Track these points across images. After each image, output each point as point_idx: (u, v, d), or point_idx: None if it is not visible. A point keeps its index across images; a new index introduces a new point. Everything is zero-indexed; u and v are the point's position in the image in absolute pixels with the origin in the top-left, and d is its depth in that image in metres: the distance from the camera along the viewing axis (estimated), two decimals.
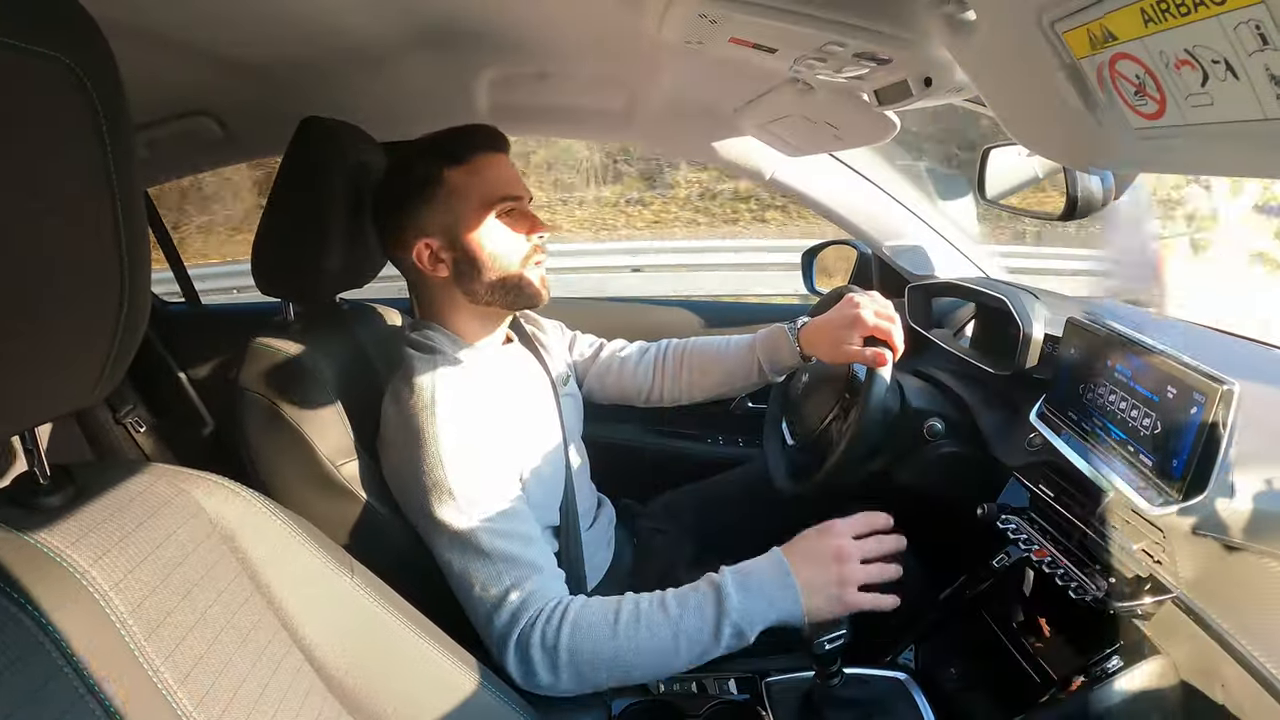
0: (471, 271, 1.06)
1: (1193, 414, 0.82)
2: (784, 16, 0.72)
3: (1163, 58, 0.42)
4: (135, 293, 0.48)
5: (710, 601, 0.91)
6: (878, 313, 1.15)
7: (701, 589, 0.93)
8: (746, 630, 0.90)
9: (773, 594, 0.91)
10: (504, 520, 0.94)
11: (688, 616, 0.90)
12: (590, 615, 0.91)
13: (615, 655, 0.89)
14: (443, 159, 1.04)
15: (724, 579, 0.92)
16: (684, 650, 0.90)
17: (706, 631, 0.89)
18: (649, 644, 0.89)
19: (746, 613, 0.90)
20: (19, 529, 0.50)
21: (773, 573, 0.93)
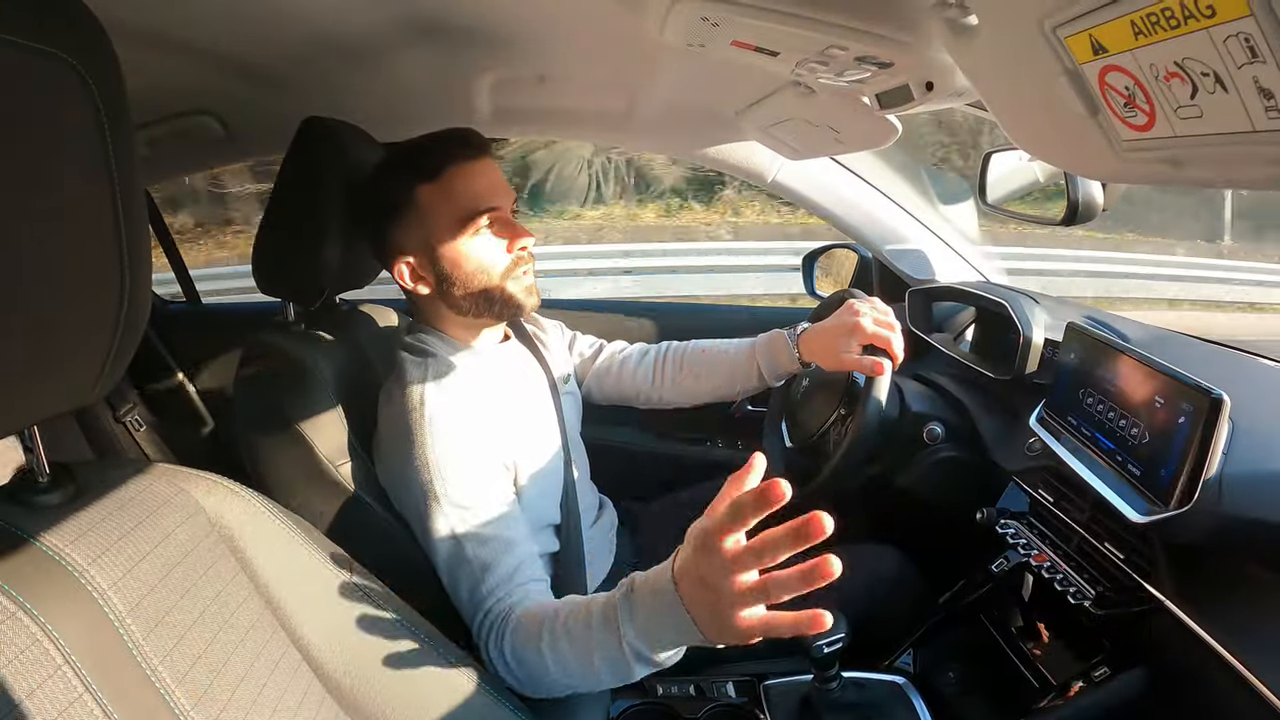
0: (453, 288, 1.04)
1: (1180, 424, 0.83)
2: (786, 20, 0.72)
3: (1152, 70, 0.42)
4: (135, 291, 0.48)
5: (612, 624, 0.77)
6: (877, 320, 1.14)
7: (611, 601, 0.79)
8: (650, 654, 0.76)
9: (668, 631, 0.74)
10: (489, 525, 0.94)
11: (595, 632, 0.78)
12: (526, 621, 0.86)
13: (544, 665, 0.83)
14: (414, 175, 1.01)
15: (621, 601, 0.78)
16: (603, 669, 0.79)
17: (615, 653, 0.77)
18: (572, 658, 0.81)
19: (644, 635, 0.76)
20: (18, 527, 0.50)
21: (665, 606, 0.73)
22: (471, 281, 1.04)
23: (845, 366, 1.16)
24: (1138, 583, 0.88)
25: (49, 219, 0.42)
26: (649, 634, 0.75)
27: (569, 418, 1.22)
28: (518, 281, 1.06)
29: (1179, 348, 1.11)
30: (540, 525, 1.07)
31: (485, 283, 1.04)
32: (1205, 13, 0.36)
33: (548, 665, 0.83)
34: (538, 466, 1.06)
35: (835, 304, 1.23)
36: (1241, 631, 0.77)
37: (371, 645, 0.73)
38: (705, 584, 0.68)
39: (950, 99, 0.82)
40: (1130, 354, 0.94)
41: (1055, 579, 0.98)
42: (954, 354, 1.41)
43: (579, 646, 0.80)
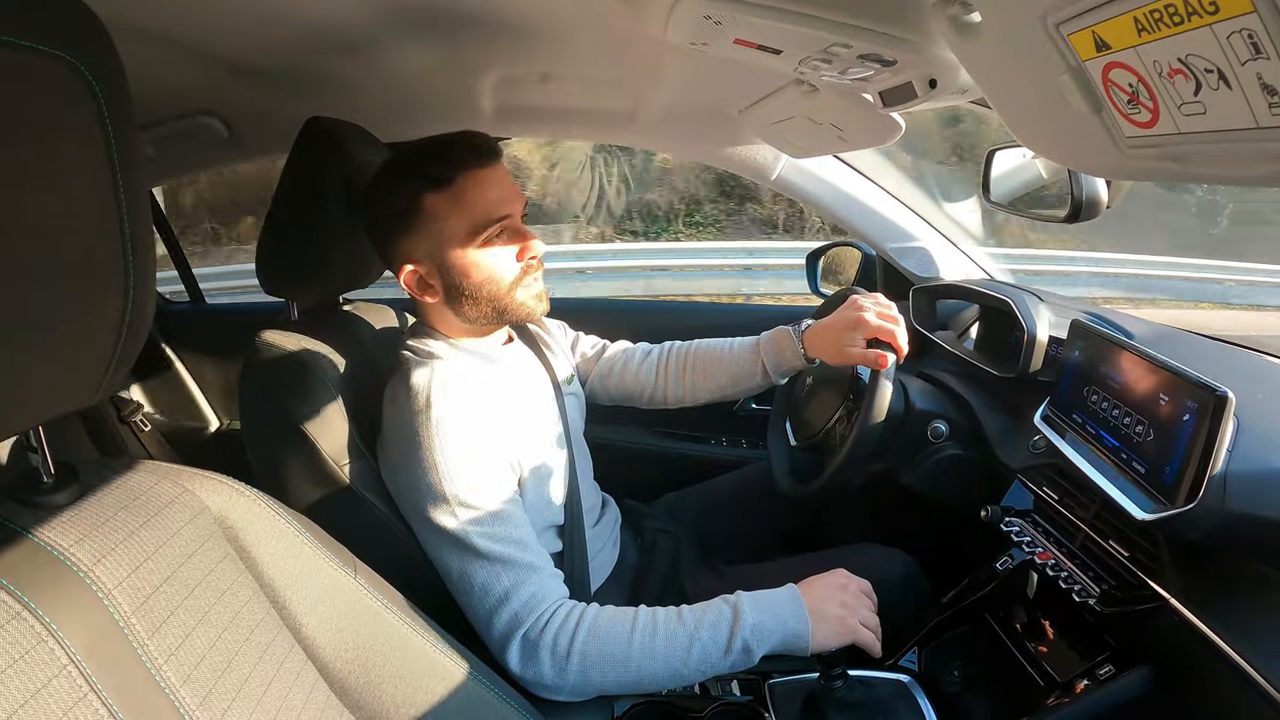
0: (461, 297, 1.03)
1: (1185, 421, 0.82)
2: (789, 18, 0.72)
3: (1156, 67, 0.42)
4: (140, 291, 0.48)
5: (726, 615, 0.94)
6: (881, 315, 1.15)
7: (717, 604, 0.96)
8: (754, 647, 0.92)
9: (784, 614, 0.94)
10: (498, 524, 0.94)
11: (703, 628, 0.92)
12: (607, 620, 0.93)
13: (627, 659, 0.91)
14: (423, 183, 0.99)
15: (739, 596, 0.96)
16: (695, 660, 0.92)
17: (719, 643, 0.92)
18: (663, 652, 0.91)
19: (758, 628, 0.92)
20: (23, 526, 0.50)
21: (785, 595, 0.97)
22: (480, 291, 1.03)
23: (850, 360, 1.17)
24: (1142, 580, 0.88)
25: (52, 220, 0.42)
26: (761, 622, 0.93)
27: (572, 418, 1.22)
28: (527, 289, 1.06)
29: (1184, 344, 1.10)
30: (544, 526, 1.07)
31: (494, 292, 1.03)
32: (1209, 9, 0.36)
33: (629, 657, 0.91)
34: (541, 468, 1.06)
35: (839, 301, 1.23)
36: (1247, 629, 0.77)
37: (377, 645, 0.73)
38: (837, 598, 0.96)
39: (954, 96, 0.82)
40: (1135, 351, 0.93)
41: (1060, 577, 0.98)
42: (958, 352, 1.41)
43: (676, 638, 0.92)
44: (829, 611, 0.94)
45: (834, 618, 0.94)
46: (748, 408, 1.84)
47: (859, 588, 0.99)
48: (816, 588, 0.97)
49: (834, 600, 0.96)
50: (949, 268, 1.65)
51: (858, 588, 0.99)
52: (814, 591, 0.97)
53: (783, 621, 0.94)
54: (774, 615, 0.94)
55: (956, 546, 1.31)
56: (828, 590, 0.97)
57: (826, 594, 0.96)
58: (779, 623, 0.93)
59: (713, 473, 1.60)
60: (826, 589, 0.97)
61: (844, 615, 0.94)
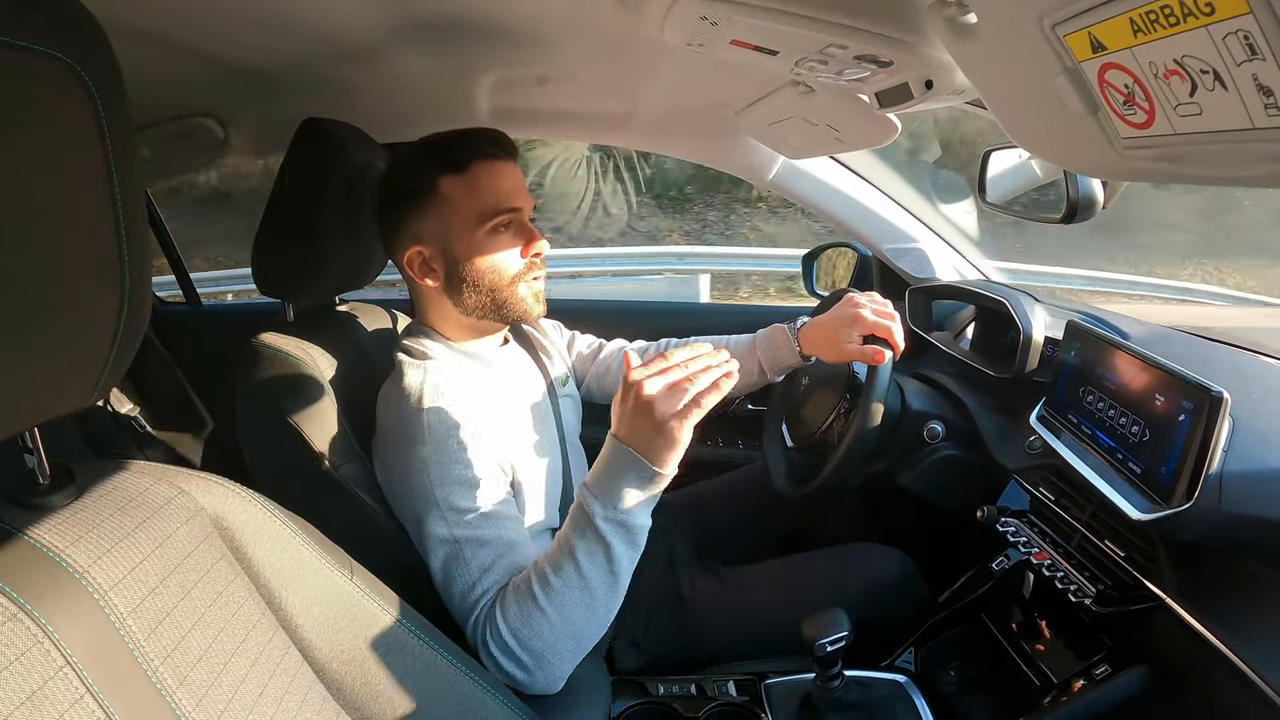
0: (461, 285, 1.04)
1: (1181, 421, 0.83)
2: (785, 19, 0.72)
3: (1151, 68, 0.42)
4: (136, 293, 0.48)
5: (579, 516, 0.87)
6: (877, 311, 1.15)
7: (573, 513, 0.89)
8: (624, 518, 0.86)
9: (616, 468, 0.85)
10: (487, 528, 0.94)
11: (573, 540, 0.87)
12: (509, 592, 0.89)
13: (543, 613, 0.86)
14: (440, 166, 1.01)
15: (582, 490, 0.88)
16: (590, 573, 0.87)
17: (594, 541, 0.86)
18: (560, 585, 0.87)
19: (608, 502, 0.85)
20: (19, 528, 0.50)
21: (607, 451, 0.87)
22: (482, 280, 1.03)
23: (846, 357, 1.17)
24: (1139, 580, 0.88)
25: (48, 221, 0.42)
26: (610, 495, 0.85)
27: (567, 420, 1.22)
28: (528, 287, 1.06)
29: (1179, 345, 1.11)
30: (539, 529, 1.07)
31: (495, 283, 1.04)
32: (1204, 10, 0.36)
33: (546, 613, 0.86)
34: (535, 471, 1.06)
35: (835, 302, 1.23)
36: (1243, 628, 0.77)
37: (373, 646, 0.73)
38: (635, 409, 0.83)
39: (950, 97, 0.82)
40: (1130, 351, 0.94)
41: (1056, 577, 0.98)
42: (954, 352, 1.41)
43: (564, 569, 0.87)
44: (641, 428, 0.83)
45: (649, 429, 0.82)
46: (744, 408, 1.84)
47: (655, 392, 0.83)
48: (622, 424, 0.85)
49: (637, 415, 0.83)
50: (945, 269, 1.65)
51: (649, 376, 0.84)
52: (623, 430, 0.85)
53: (619, 476, 0.85)
54: (609, 479, 0.85)
55: (953, 547, 1.32)
56: (625, 413, 0.85)
57: (628, 417, 0.84)
58: (617, 480, 0.85)
59: (709, 474, 1.60)
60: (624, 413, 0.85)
61: (653, 420, 0.82)
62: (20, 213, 0.41)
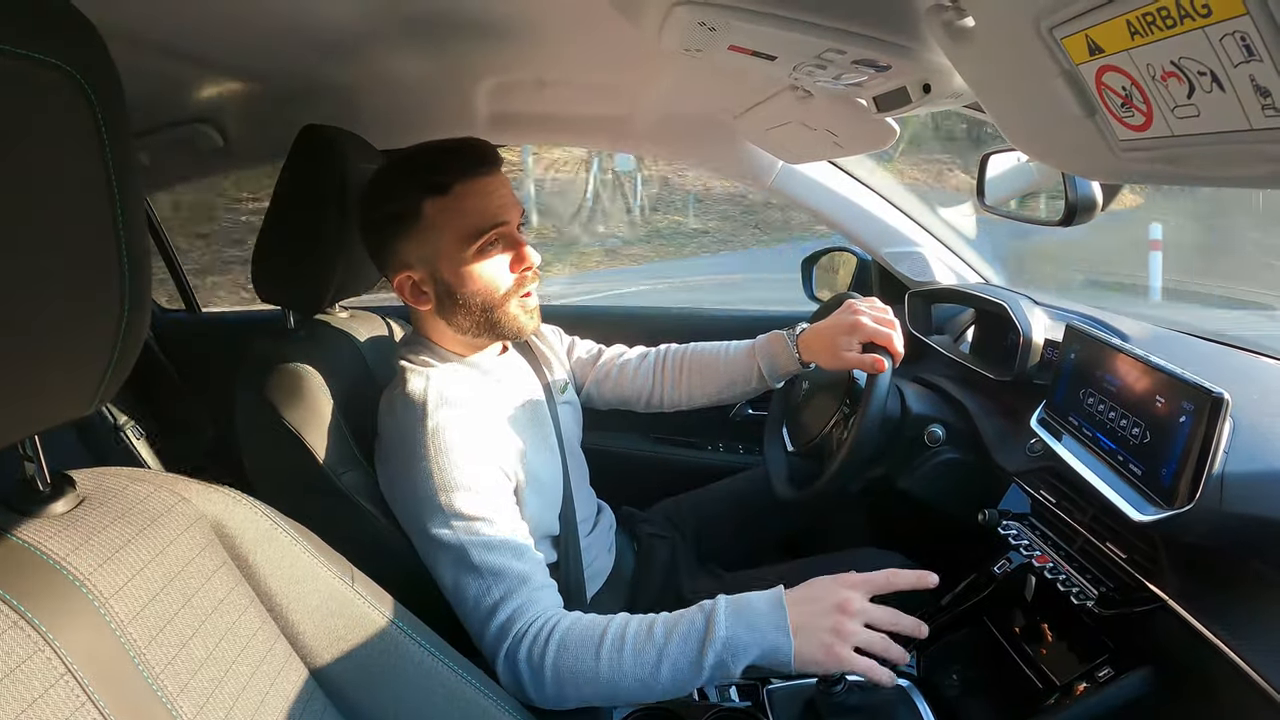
0: (454, 306, 1.03)
1: (1182, 423, 0.82)
2: (783, 24, 0.72)
3: (1149, 70, 0.42)
4: (135, 300, 0.48)
5: (698, 629, 0.85)
6: (877, 319, 1.14)
7: (692, 614, 0.87)
8: (730, 663, 0.84)
9: (763, 628, 0.84)
10: (494, 534, 0.93)
11: (673, 644, 0.85)
12: (576, 635, 0.88)
13: (596, 676, 0.86)
14: (421, 190, 0.98)
15: (717, 606, 0.87)
16: (665, 677, 0.85)
17: (690, 658, 0.84)
18: (631, 668, 0.85)
19: (732, 643, 0.84)
20: (19, 535, 0.50)
21: (768, 607, 0.86)
22: (474, 301, 1.03)
23: (845, 365, 1.16)
24: (1141, 582, 0.88)
25: (48, 229, 0.42)
26: (737, 636, 0.84)
27: (567, 427, 1.21)
28: (520, 303, 1.05)
29: (1179, 346, 1.11)
30: (539, 536, 1.07)
31: (488, 303, 1.03)
32: (1201, 12, 0.36)
33: (599, 675, 0.85)
34: (536, 478, 1.05)
35: (834, 306, 1.23)
36: (1246, 630, 0.77)
37: (374, 653, 0.73)
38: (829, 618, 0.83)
39: (948, 101, 0.82)
40: (1130, 353, 0.94)
41: (1058, 580, 0.98)
42: (954, 356, 1.41)
43: (644, 656, 0.85)
44: (817, 635, 0.83)
45: (821, 643, 0.83)
46: (744, 413, 1.83)
47: (862, 610, 0.84)
48: (809, 603, 0.85)
49: (826, 621, 0.83)
50: (944, 272, 1.65)
51: (864, 603, 0.85)
52: (804, 606, 0.85)
53: (761, 636, 0.84)
54: (750, 628, 0.84)
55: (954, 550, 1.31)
56: (821, 608, 0.84)
57: (819, 612, 0.84)
58: (756, 636, 0.84)
59: (709, 479, 1.60)
60: (820, 606, 0.85)
61: (832, 642, 0.82)
62: (20, 220, 0.41)
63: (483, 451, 0.97)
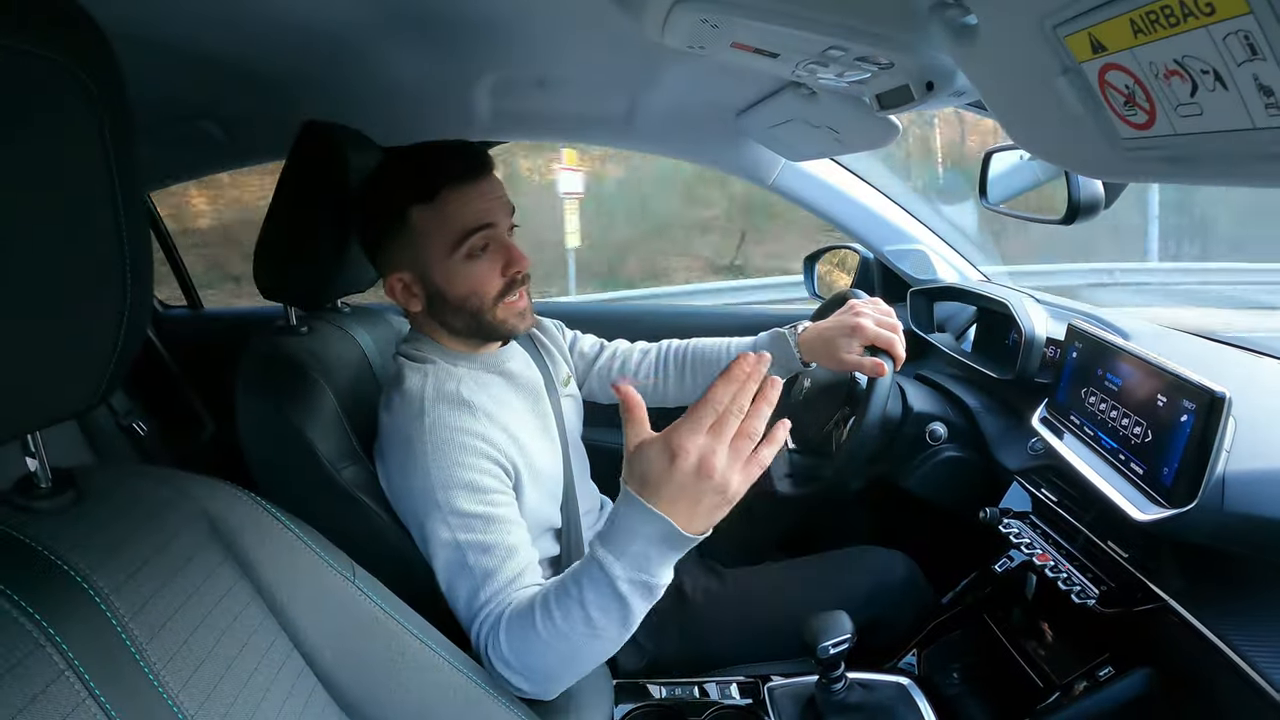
0: (444, 308, 1.03)
1: (1183, 422, 0.82)
2: (785, 21, 0.72)
3: (1152, 68, 0.42)
4: (137, 297, 0.48)
5: (596, 575, 0.79)
6: (880, 321, 1.13)
7: (586, 563, 0.81)
8: (647, 578, 0.78)
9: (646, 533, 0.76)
10: (490, 533, 0.93)
11: (586, 590, 0.80)
12: (515, 614, 0.86)
13: (547, 644, 0.83)
14: (407, 195, 0.98)
15: (593, 544, 0.80)
16: (602, 622, 0.80)
17: (610, 599, 0.79)
18: (566, 627, 0.81)
19: (630, 562, 0.77)
20: (20, 532, 0.50)
21: (635, 514, 0.77)
22: (463, 305, 1.03)
23: (846, 367, 1.16)
24: (1141, 582, 0.88)
25: (50, 225, 0.42)
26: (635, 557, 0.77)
27: (569, 420, 1.21)
28: (509, 307, 1.04)
29: (1180, 345, 1.11)
30: (540, 530, 1.07)
31: (476, 306, 1.03)
32: (1205, 10, 0.36)
33: (547, 643, 0.82)
34: (538, 471, 1.05)
35: (836, 305, 1.23)
36: (1246, 630, 0.77)
37: (375, 650, 0.73)
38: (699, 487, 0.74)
39: (951, 99, 0.82)
40: (1132, 352, 0.94)
41: (1059, 578, 0.98)
42: (956, 354, 1.41)
43: (571, 613, 0.80)
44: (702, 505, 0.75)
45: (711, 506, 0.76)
46: None
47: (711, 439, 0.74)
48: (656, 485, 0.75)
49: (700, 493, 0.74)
50: (946, 270, 1.65)
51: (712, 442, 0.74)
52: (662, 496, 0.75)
53: (650, 542, 0.76)
54: (634, 544, 0.77)
55: (955, 548, 1.31)
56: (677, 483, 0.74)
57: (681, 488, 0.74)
58: (649, 545, 0.77)
59: None
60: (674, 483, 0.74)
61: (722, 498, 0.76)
62: (22, 215, 0.41)
63: (481, 447, 0.97)
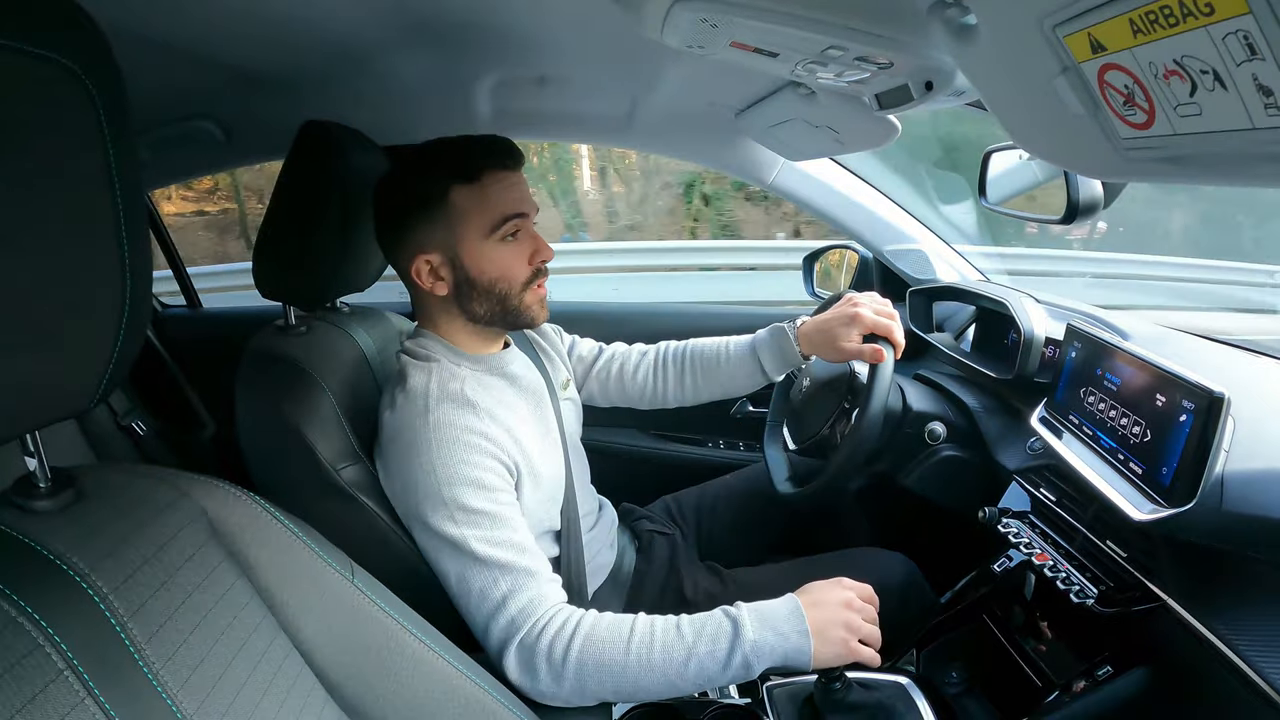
0: (471, 292, 1.04)
1: (1182, 422, 0.82)
2: (785, 21, 0.72)
3: (1151, 68, 0.42)
4: (136, 296, 0.48)
5: (726, 630, 0.90)
6: (877, 310, 1.15)
7: (717, 617, 0.92)
8: (754, 663, 0.89)
9: (785, 631, 0.91)
10: (496, 528, 0.94)
11: (702, 642, 0.90)
12: (604, 630, 0.91)
13: (624, 671, 0.89)
14: (451, 176, 1.00)
15: (740, 611, 0.92)
16: (692, 674, 0.89)
17: (718, 658, 0.89)
18: (660, 664, 0.89)
19: (758, 645, 0.89)
20: (19, 532, 0.50)
21: (787, 612, 0.92)
22: (492, 288, 1.04)
23: (846, 356, 1.17)
24: (1140, 581, 0.88)
25: (49, 224, 0.42)
26: (762, 639, 0.90)
27: (569, 424, 1.21)
28: (534, 294, 1.07)
29: (1179, 345, 1.11)
30: (541, 530, 1.07)
31: (504, 290, 1.04)
32: (1204, 10, 0.36)
33: (624, 667, 0.89)
34: (539, 473, 1.06)
35: (835, 303, 1.23)
36: (1245, 629, 0.77)
37: (374, 649, 0.73)
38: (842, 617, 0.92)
39: (950, 98, 0.82)
40: (1131, 352, 0.94)
41: (1058, 578, 0.98)
42: (955, 354, 1.41)
43: (673, 653, 0.89)
44: (832, 633, 0.91)
45: (837, 639, 0.91)
46: (744, 410, 1.84)
47: (862, 601, 0.95)
48: (821, 606, 0.93)
49: (838, 620, 0.92)
50: (945, 270, 1.65)
51: (861, 602, 0.95)
52: (818, 610, 0.93)
53: (784, 639, 0.90)
54: (775, 632, 0.91)
55: (954, 548, 1.31)
56: (833, 609, 0.93)
57: (831, 613, 0.92)
58: (780, 640, 0.90)
59: (710, 476, 1.60)
60: (831, 608, 0.93)
61: (847, 637, 0.91)
62: (21, 215, 0.41)
63: (486, 447, 0.97)
